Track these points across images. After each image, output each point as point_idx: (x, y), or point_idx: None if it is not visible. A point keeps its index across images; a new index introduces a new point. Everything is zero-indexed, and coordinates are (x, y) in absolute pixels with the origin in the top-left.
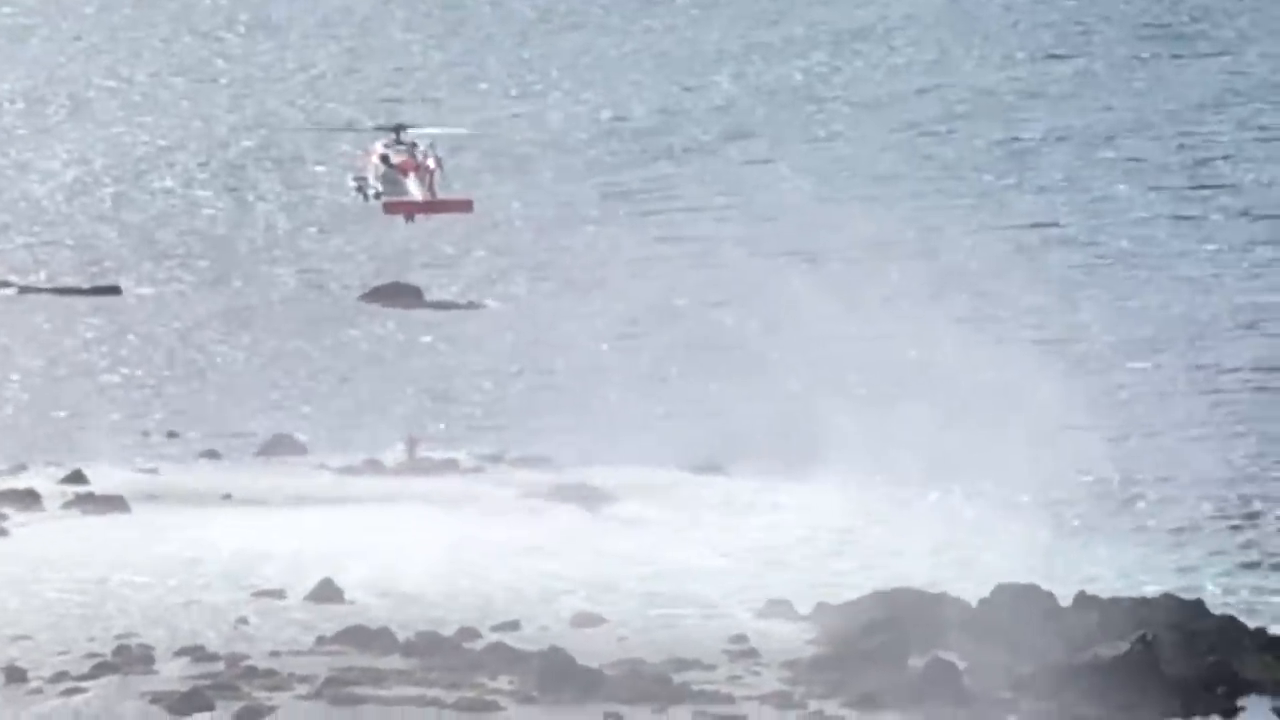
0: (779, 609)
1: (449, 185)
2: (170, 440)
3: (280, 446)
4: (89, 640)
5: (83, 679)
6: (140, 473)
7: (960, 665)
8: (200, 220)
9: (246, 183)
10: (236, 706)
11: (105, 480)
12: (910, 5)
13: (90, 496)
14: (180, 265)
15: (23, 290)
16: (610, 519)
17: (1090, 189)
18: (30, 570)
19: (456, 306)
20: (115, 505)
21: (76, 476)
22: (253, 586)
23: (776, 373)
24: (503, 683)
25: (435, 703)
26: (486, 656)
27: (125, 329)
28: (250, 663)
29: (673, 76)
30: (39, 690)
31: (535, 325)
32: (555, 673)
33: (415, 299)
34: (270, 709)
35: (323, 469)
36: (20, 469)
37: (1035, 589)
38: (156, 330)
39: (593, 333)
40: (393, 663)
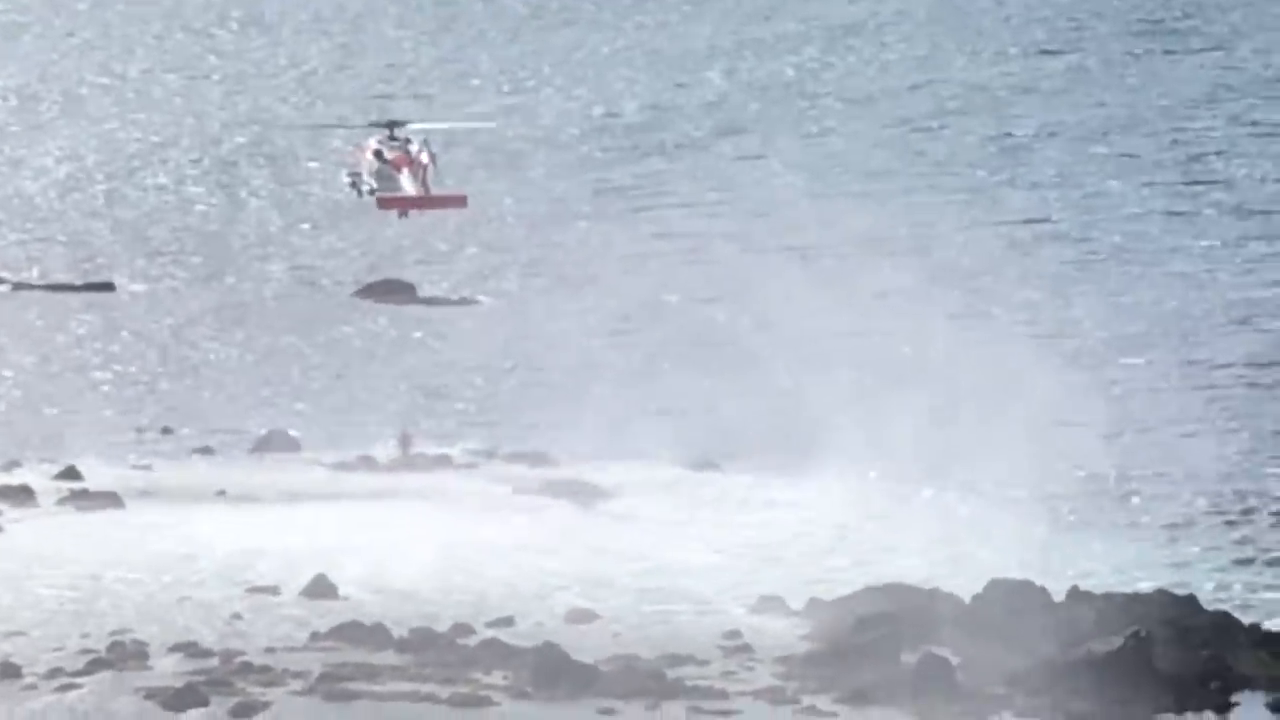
0: (772, 605)
1: (441, 181)
2: (164, 437)
3: (274, 443)
4: (83, 636)
5: (77, 675)
6: (134, 469)
7: (953, 661)
8: (193, 217)
9: (239, 179)
10: (231, 702)
11: (99, 476)
12: (902, 1)
13: (84, 493)
14: (173, 262)
15: (16, 287)
16: (604, 515)
17: (1083, 185)
18: (24, 566)
19: (449, 303)
20: (109, 501)
21: (70, 473)
22: (247, 583)
23: (769, 369)
24: (497, 678)
25: (429, 698)
26: (481, 652)
27: (119, 325)
28: (244, 659)
29: (664, 73)
30: (33, 686)
31: (528, 321)
32: (549, 668)
33: (408, 295)
34: (264, 705)
35: (316, 465)
36: (14, 465)
37: (1029, 584)
38: (150, 327)
39: (585, 329)
40: (387, 658)
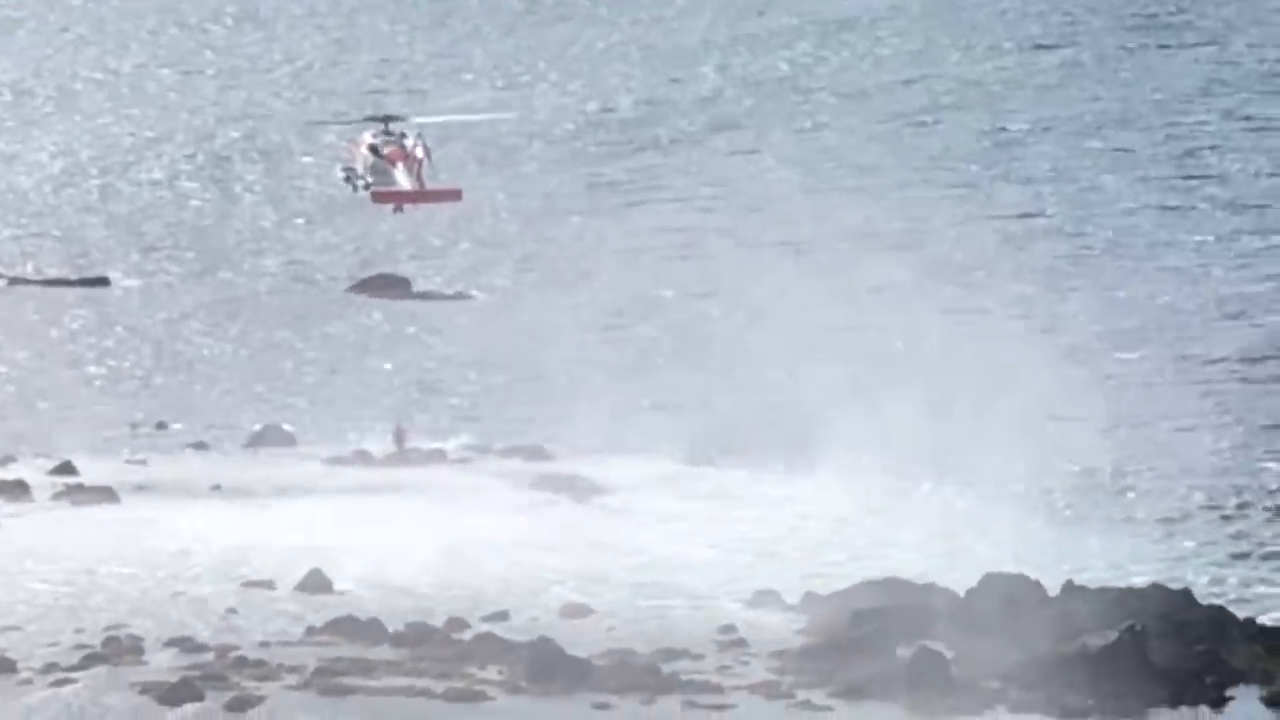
0: (768, 599)
1: (435, 176)
2: (159, 432)
3: (269, 438)
4: (78, 631)
5: (72, 670)
6: (129, 464)
7: (948, 655)
8: (187, 211)
9: (233, 174)
10: (226, 697)
11: (94, 471)
12: None
13: (79, 487)
14: (168, 257)
15: (12, 281)
16: (599, 510)
17: (1077, 179)
18: (19, 561)
19: (444, 297)
20: (104, 496)
21: (65, 468)
22: (242, 577)
23: (763, 364)
24: (492, 673)
25: (424, 693)
26: (476, 647)
27: (113, 320)
28: (240, 653)
29: (659, 68)
30: (28, 681)
31: (522, 316)
32: (544, 663)
33: (403, 290)
34: (259, 699)
35: (311, 460)
36: (9, 460)
37: (1023, 579)
38: (144, 322)
39: (579, 324)
40: (382, 653)
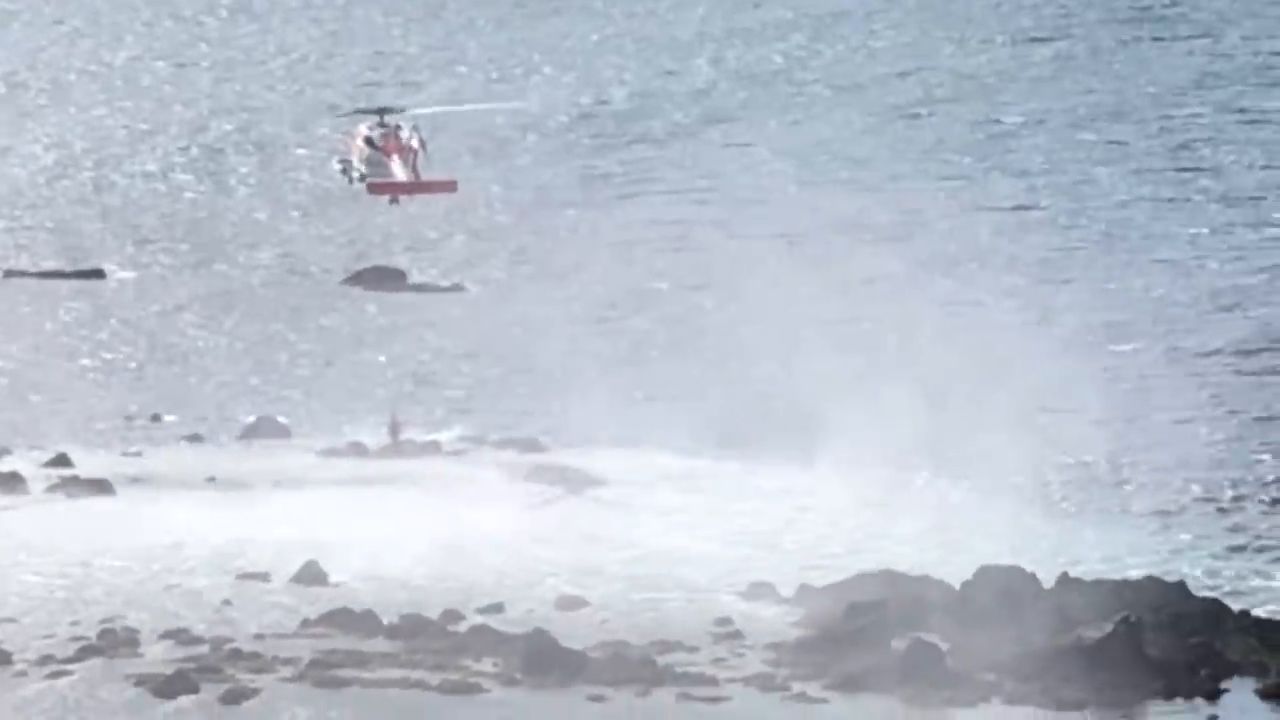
0: (763, 591)
1: (429, 169)
2: (154, 424)
3: (263, 429)
4: (74, 624)
5: (68, 662)
6: (124, 456)
7: (943, 647)
8: (182, 204)
9: (227, 166)
10: (221, 689)
11: (89, 464)
12: None
13: (74, 480)
14: (162, 249)
15: (8, 274)
16: (594, 502)
17: (1070, 172)
18: (14, 554)
19: (438, 290)
20: (99, 488)
21: (61, 460)
22: (237, 569)
23: (757, 356)
24: (487, 665)
25: (419, 685)
26: (471, 639)
27: (108, 313)
28: (235, 645)
29: (653, 60)
30: (24, 673)
31: (515, 309)
32: (539, 655)
33: (399, 282)
34: (254, 691)
35: (306, 452)
36: (4, 453)
37: (1019, 571)
38: (139, 314)
39: (573, 316)
40: (377, 645)
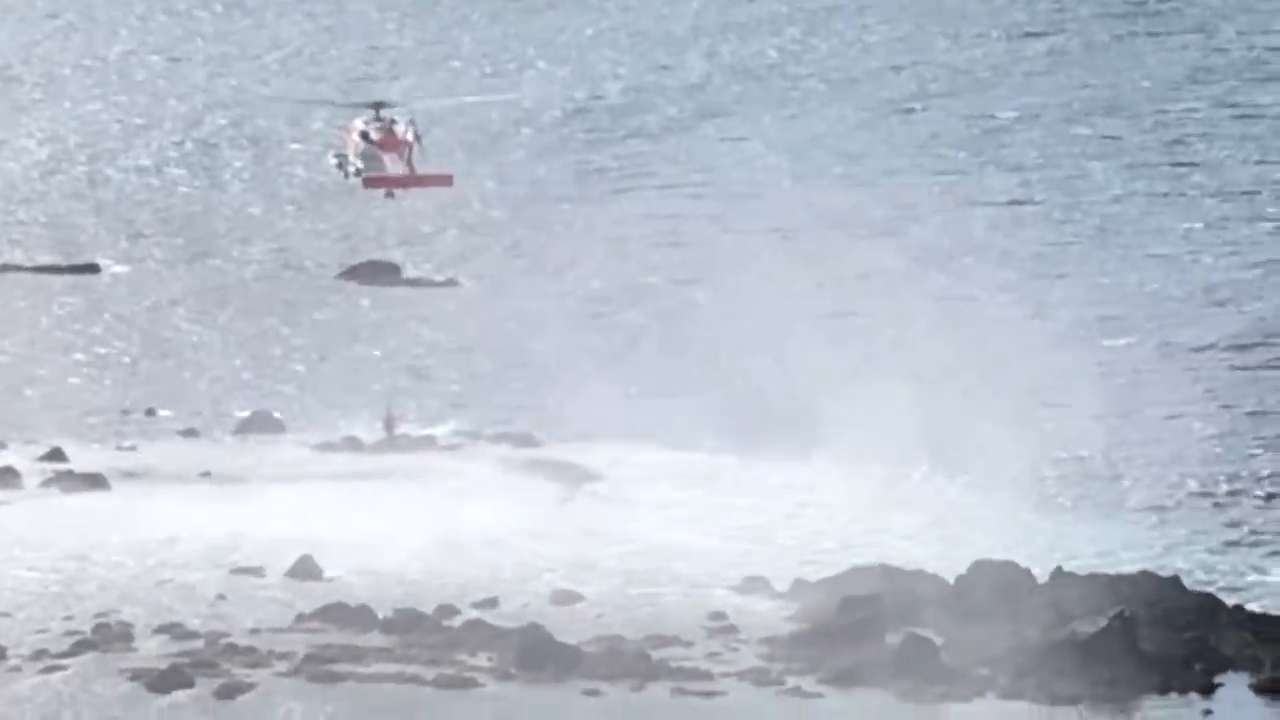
0: (758, 586)
1: (423, 163)
2: (149, 418)
3: (258, 424)
4: (68, 618)
5: (62, 656)
6: (119, 451)
7: (938, 642)
8: (176, 198)
9: (221, 161)
10: (216, 684)
11: (84, 458)
12: None
13: (69, 474)
14: (156, 244)
15: (3, 269)
16: (589, 496)
17: (1064, 167)
18: (9, 548)
19: (433, 284)
20: (94, 483)
21: (55, 454)
22: (232, 564)
23: (751, 351)
24: (482, 660)
25: (414, 680)
26: (466, 633)
27: (102, 307)
28: (229, 640)
29: (647, 55)
30: (18, 668)
31: (510, 303)
32: (534, 650)
33: (393, 277)
34: (249, 686)
35: (301, 446)
36: None
37: (1013, 566)
38: (133, 309)
39: (567, 311)
40: (372, 640)
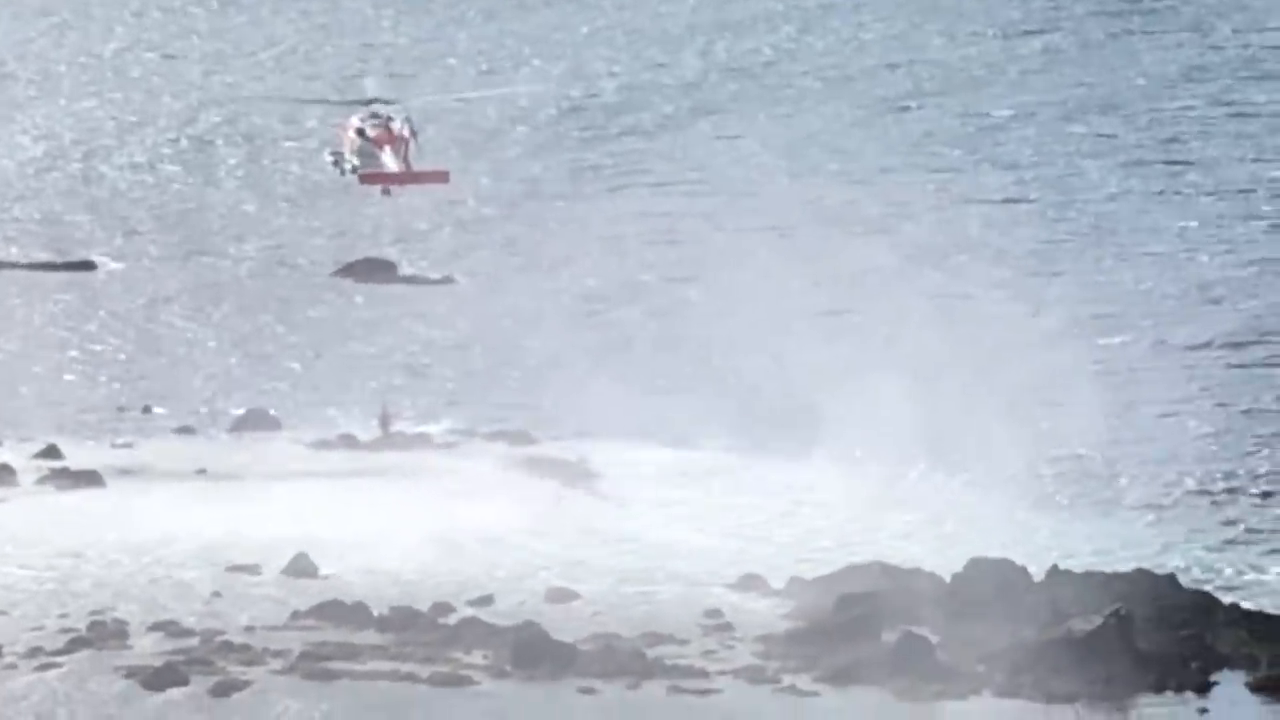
0: (754, 583)
1: (420, 160)
2: (144, 416)
3: (254, 422)
4: (63, 616)
5: (57, 654)
6: (115, 448)
7: (934, 640)
8: (170, 196)
9: (216, 158)
10: (211, 681)
11: (79, 455)
12: None
13: (65, 472)
14: (150, 241)
15: None
16: (585, 494)
17: (1059, 165)
18: (3, 546)
19: (428, 281)
20: (90, 480)
21: (51, 451)
22: (227, 562)
23: (746, 349)
24: (477, 657)
25: (410, 678)
26: (461, 631)
27: (97, 305)
28: (224, 637)
29: (642, 53)
30: (13, 665)
31: (505, 301)
32: (529, 647)
33: (389, 274)
34: (244, 683)
35: (297, 444)
36: None
37: (1009, 564)
38: (129, 306)
39: (561, 308)
40: (367, 637)
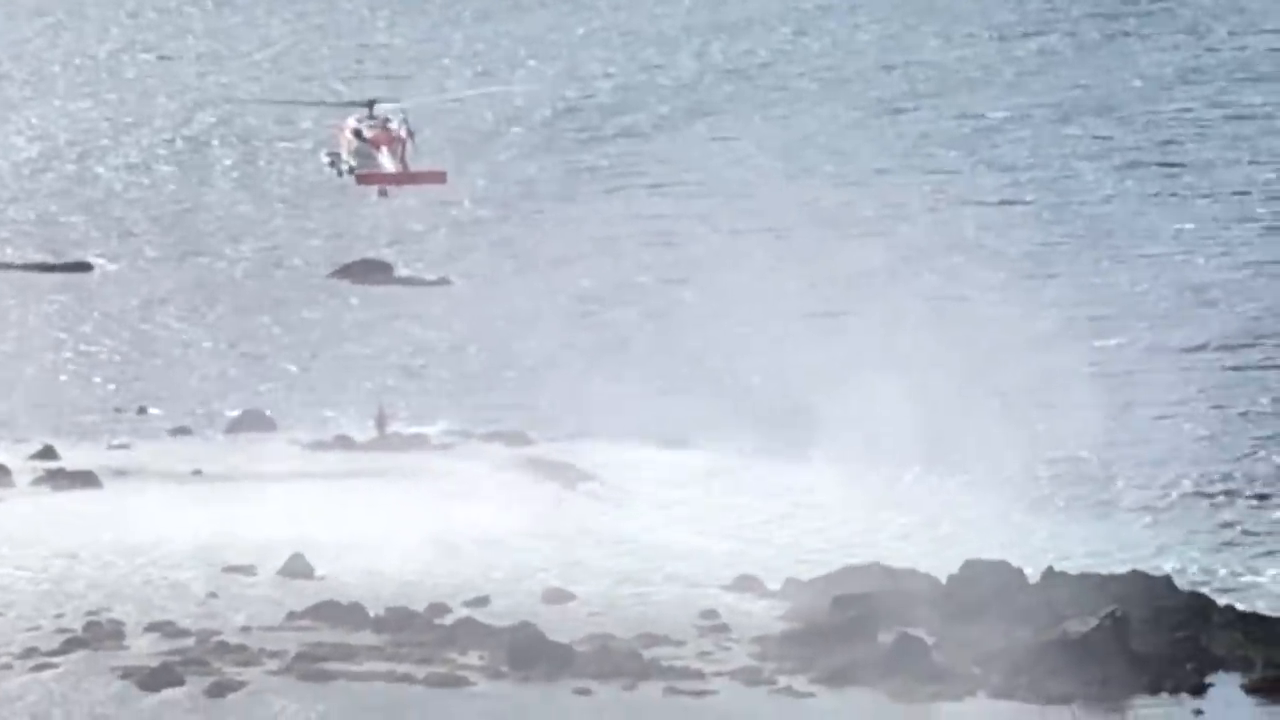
0: (750, 585)
1: (416, 161)
2: (141, 417)
3: (249, 423)
4: (58, 616)
5: (53, 655)
6: (111, 449)
7: (929, 641)
8: (165, 196)
9: (211, 159)
10: (206, 682)
11: (75, 456)
12: None
13: (61, 472)
14: (145, 242)
15: None
16: (582, 495)
17: (1055, 167)
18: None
19: (424, 283)
20: (86, 481)
21: (47, 452)
22: (223, 562)
23: (742, 350)
24: (473, 658)
25: (406, 678)
26: (457, 632)
27: (93, 306)
28: (220, 638)
29: (638, 54)
30: (9, 666)
31: (500, 302)
32: (525, 648)
33: (385, 275)
34: (240, 684)
35: (293, 445)
36: None
37: (1005, 565)
38: (124, 307)
39: (557, 309)
40: (363, 638)
